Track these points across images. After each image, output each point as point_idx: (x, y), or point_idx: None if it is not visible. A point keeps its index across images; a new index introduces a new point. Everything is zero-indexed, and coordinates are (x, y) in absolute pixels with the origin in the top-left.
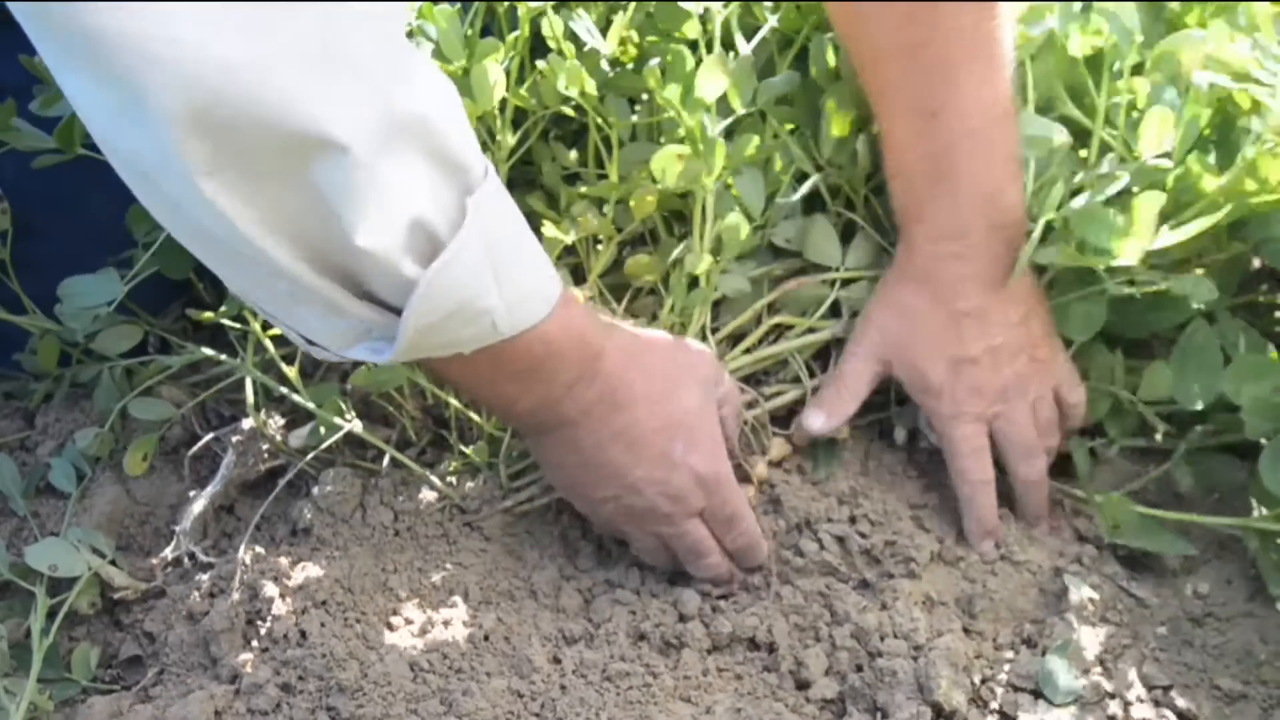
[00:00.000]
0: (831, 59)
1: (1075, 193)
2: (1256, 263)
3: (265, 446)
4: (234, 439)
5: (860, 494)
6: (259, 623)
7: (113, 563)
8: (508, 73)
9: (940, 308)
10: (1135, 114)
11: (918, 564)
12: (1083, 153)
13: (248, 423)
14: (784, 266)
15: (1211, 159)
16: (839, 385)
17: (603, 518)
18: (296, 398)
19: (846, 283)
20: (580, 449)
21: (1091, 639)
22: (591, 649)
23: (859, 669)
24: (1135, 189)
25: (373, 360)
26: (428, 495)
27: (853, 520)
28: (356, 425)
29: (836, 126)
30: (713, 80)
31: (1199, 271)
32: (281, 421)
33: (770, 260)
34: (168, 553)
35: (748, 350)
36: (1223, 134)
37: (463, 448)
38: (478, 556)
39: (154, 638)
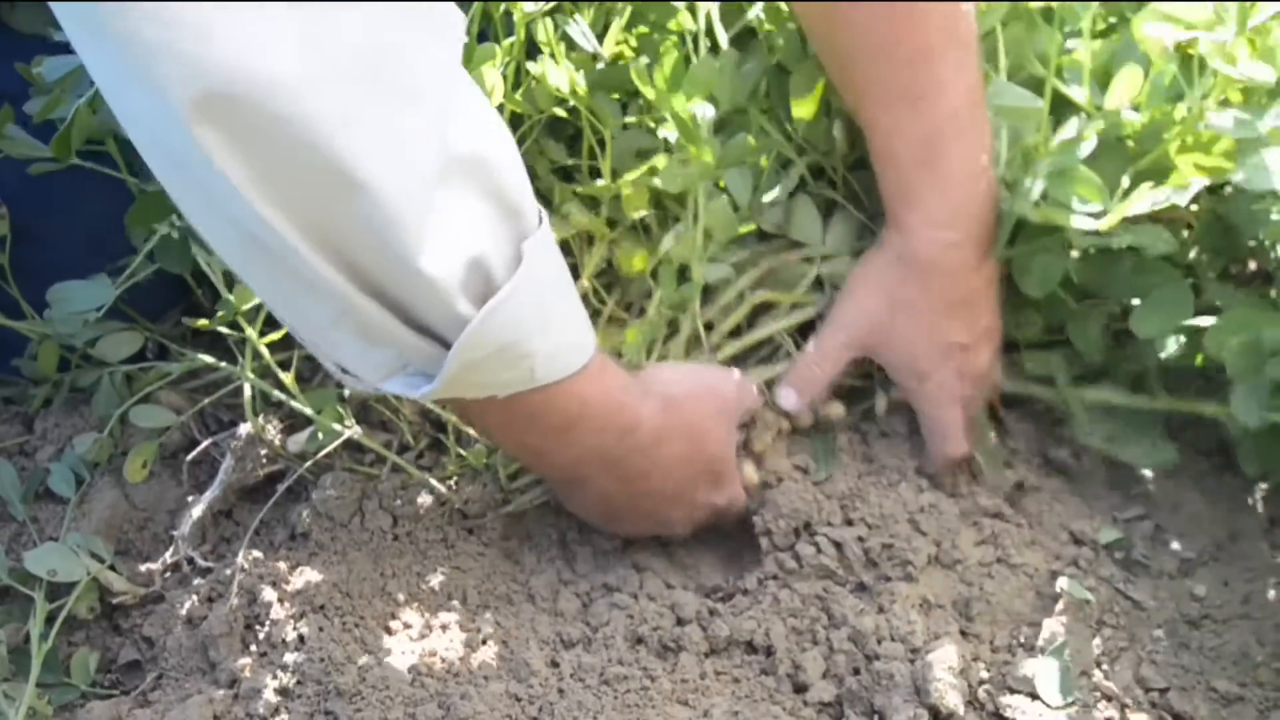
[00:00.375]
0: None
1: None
2: (1253, 265)
3: (263, 452)
4: (232, 444)
5: (857, 496)
6: (257, 627)
7: (111, 568)
8: (505, 77)
9: (937, 297)
10: (1100, 71)
11: (915, 567)
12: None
13: (246, 428)
14: (767, 248)
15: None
16: (814, 364)
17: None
18: (295, 403)
19: (826, 259)
20: (609, 500)
21: (1088, 641)
22: (589, 653)
23: (856, 672)
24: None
25: (409, 394)
26: (426, 499)
27: (850, 523)
28: (355, 430)
29: (799, 110)
30: (702, 85)
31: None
32: (280, 426)
33: (754, 244)
34: (166, 558)
35: (734, 333)
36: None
37: (460, 451)
38: (476, 560)
39: (153, 643)
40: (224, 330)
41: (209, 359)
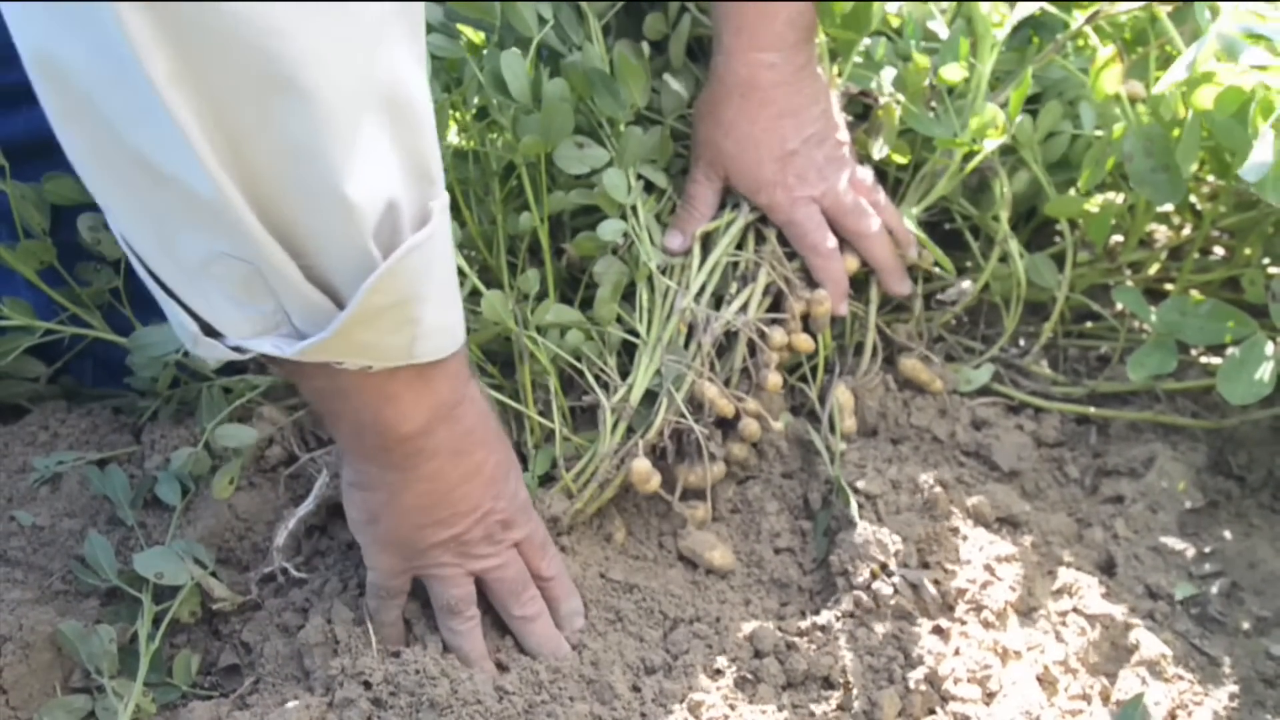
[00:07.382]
0: None
1: None
2: None
3: None
4: (328, 460)
5: (935, 540)
6: (351, 638)
7: (213, 574)
8: None
9: (761, 114)
10: None
11: (992, 612)
12: None
13: None
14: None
15: None
16: (689, 206)
17: None
18: None
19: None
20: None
21: (1163, 694)
22: (670, 679)
23: (931, 712)
24: None
25: (278, 353)
26: None
27: (927, 566)
28: None
29: None
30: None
31: None
32: None
33: None
34: (262, 568)
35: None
36: None
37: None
38: None
39: (250, 648)
40: None
41: None
